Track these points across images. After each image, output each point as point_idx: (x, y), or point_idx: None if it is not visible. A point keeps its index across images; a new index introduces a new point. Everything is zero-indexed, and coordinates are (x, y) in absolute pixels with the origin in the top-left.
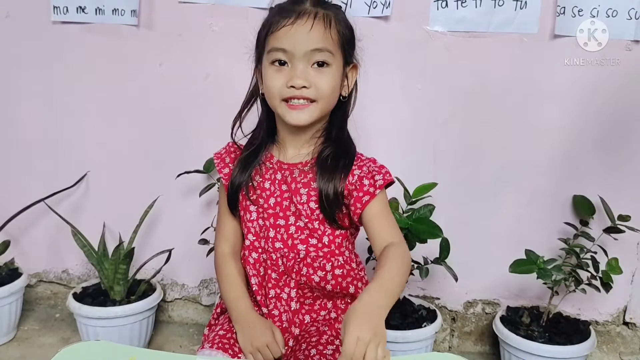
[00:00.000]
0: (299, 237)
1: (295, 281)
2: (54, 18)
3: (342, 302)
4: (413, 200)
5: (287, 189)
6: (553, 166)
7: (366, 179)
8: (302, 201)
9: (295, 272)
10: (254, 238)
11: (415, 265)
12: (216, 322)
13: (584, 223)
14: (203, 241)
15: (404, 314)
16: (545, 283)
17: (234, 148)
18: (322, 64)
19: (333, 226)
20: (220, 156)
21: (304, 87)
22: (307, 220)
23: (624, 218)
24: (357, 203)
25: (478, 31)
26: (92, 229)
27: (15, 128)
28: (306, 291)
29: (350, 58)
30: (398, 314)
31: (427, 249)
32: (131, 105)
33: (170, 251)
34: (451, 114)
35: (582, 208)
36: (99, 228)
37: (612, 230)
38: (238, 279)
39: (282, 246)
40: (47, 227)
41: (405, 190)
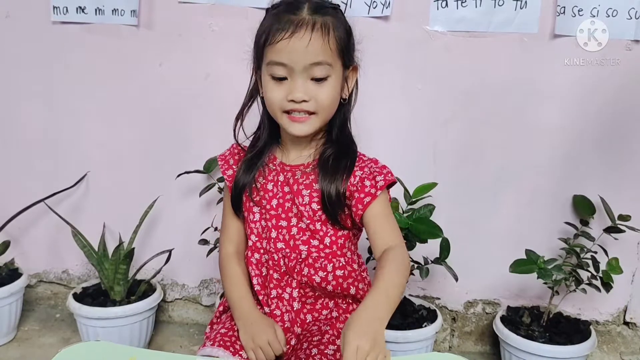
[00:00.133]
0: (301, 238)
1: (297, 281)
2: (54, 18)
3: (344, 302)
4: (413, 200)
5: (290, 191)
6: (553, 166)
7: (367, 180)
8: (304, 202)
9: (296, 273)
10: (257, 239)
11: (415, 265)
12: (218, 321)
13: (584, 223)
14: (203, 241)
15: (405, 314)
16: (545, 283)
17: (238, 150)
18: (320, 80)
19: (336, 227)
20: (224, 158)
21: (304, 101)
22: (309, 221)
23: (624, 218)
24: (359, 204)
25: (478, 31)
26: (92, 229)
27: (15, 128)
28: (308, 290)
29: (349, 61)
30: (398, 314)
31: (427, 249)
32: (131, 105)
33: (170, 251)
34: (451, 114)
35: (582, 208)
36: (99, 228)
37: (613, 230)
38: (242, 279)
39: (284, 247)
40: (47, 228)
41: (405, 190)
